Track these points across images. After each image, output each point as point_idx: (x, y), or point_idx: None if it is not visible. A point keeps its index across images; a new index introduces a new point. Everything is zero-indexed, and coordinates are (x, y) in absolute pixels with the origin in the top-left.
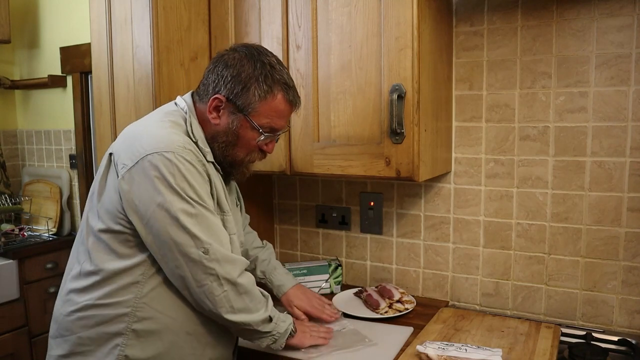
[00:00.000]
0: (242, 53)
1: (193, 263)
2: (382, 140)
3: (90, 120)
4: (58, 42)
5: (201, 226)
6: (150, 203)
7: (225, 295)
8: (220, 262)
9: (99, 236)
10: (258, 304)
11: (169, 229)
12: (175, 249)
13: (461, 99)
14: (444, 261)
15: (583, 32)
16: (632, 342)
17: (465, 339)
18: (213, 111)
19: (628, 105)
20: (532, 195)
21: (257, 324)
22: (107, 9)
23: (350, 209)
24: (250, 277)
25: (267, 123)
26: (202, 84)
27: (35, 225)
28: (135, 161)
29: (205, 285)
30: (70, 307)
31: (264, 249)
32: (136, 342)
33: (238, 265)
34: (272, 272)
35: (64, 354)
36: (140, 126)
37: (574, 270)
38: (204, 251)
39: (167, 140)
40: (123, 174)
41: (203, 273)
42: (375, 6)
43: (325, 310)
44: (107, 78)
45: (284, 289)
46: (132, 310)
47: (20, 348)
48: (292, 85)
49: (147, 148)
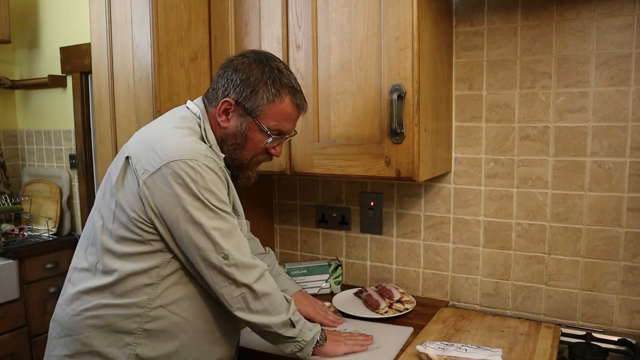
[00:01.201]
0: (251, 58)
1: (213, 267)
2: (382, 140)
3: (90, 120)
4: (58, 42)
5: (221, 232)
6: (174, 209)
7: (244, 297)
8: (239, 268)
9: (116, 238)
10: (279, 307)
11: (191, 233)
12: (197, 253)
13: (461, 99)
14: (444, 261)
15: (583, 32)
16: (632, 342)
17: (465, 339)
18: (222, 114)
19: (628, 105)
20: (532, 195)
21: (277, 327)
22: (107, 9)
23: (350, 209)
24: (270, 282)
25: (275, 126)
26: (212, 88)
27: (35, 225)
28: (157, 167)
29: (224, 287)
30: (80, 307)
31: (267, 255)
32: (147, 341)
33: (256, 271)
34: (276, 278)
35: (69, 353)
36: (157, 130)
37: (574, 270)
38: (224, 257)
39: (189, 148)
40: (145, 179)
41: (222, 277)
42: (375, 6)
43: (328, 315)
44: (107, 78)
45: (287, 294)
46: (145, 311)
47: (20, 348)
48: (299, 89)
49: (169, 155)
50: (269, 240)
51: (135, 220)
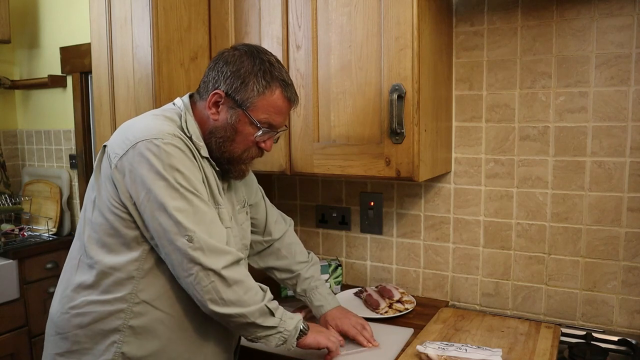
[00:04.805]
0: (242, 51)
1: (178, 251)
2: (382, 140)
3: (90, 120)
4: (58, 42)
5: (186, 213)
6: (141, 189)
7: (214, 287)
8: (205, 252)
9: (95, 228)
10: (254, 296)
11: (157, 214)
12: (163, 236)
13: (461, 99)
14: (444, 261)
15: (583, 32)
16: (632, 342)
17: (465, 339)
18: (212, 106)
19: (628, 105)
20: (532, 195)
21: (254, 316)
22: (107, 9)
23: (350, 209)
24: (242, 271)
25: (265, 119)
26: (203, 81)
27: (35, 225)
28: (126, 149)
29: (192, 275)
30: (67, 304)
31: (307, 264)
32: (133, 338)
33: (225, 257)
34: (313, 291)
35: (60, 352)
36: (134, 120)
37: (574, 270)
38: (188, 239)
39: (157, 128)
40: (115, 162)
41: (188, 262)
42: (375, 6)
43: (364, 332)
44: (107, 78)
45: (323, 310)
46: (129, 307)
47: (20, 348)
48: (290, 83)
49: (137, 136)
50: None
51: (112, 207)
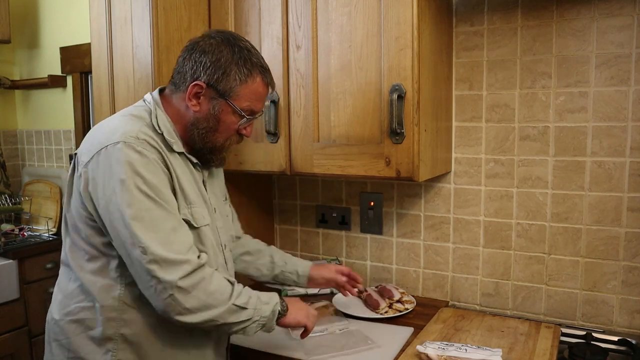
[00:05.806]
0: (218, 39)
1: (136, 262)
2: (382, 140)
3: (90, 120)
4: (58, 42)
5: (143, 223)
6: (101, 198)
7: (173, 299)
8: (160, 264)
9: (73, 237)
10: (220, 296)
11: (115, 224)
12: (122, 246)
13: (461, 99)
14: (444, 261)
15: (583, 32)
16: (632, 342)
17: (465, 339)
18: (193, 98)
19: (628, 105)
20: (532, 195)
21: (224, 317)
22: (107, 9)
23: (350, 209)
24: (201, 274)
25: (248, 106)
26: (177, 72)
27: (35, 225)
28: (90, 157)
29: (152, 287)
30: (62, 310)
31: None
32: (127, 346)
33: (182, 267)
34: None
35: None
36: (102, 123)
37: (574, 270)
38: (142, 251)
39: (119, 131)
40: (81, 171)
41: (146, 274)
42: (375, 6)
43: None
44: (107, 78)
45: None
46: (118, 314)
47: (20, 348)
48: (267, 68)
49: (102, 141)
50: (269, 240)
51: (82, 216)
